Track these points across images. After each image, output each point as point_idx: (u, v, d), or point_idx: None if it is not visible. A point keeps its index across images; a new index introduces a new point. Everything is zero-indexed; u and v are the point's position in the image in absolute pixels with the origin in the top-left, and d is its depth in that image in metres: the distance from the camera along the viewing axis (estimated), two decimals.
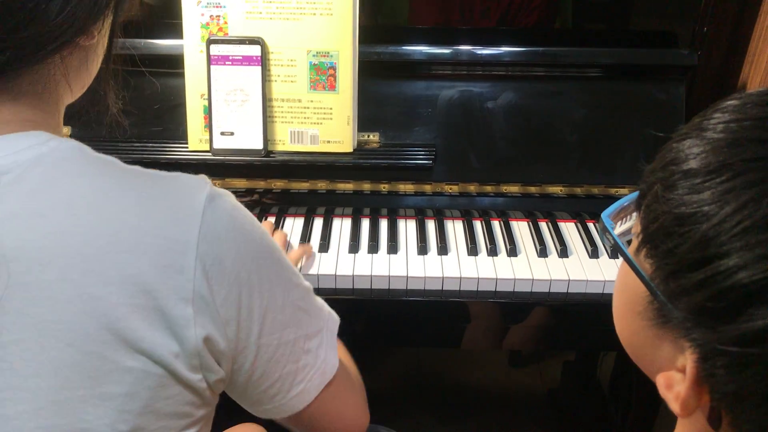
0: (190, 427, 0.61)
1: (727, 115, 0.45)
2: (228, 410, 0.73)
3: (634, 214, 0.51)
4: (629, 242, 0.52)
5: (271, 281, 0.61)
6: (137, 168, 0.60)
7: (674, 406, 0.45)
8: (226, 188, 1.22)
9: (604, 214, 0.55)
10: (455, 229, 1.20)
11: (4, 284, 0.53)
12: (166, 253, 0.55)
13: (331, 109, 1.17)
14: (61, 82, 0.62)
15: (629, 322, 0.51)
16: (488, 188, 1.23)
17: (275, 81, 1.17)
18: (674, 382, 0.46)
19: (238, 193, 1.22)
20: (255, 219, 0.63)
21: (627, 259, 0.49)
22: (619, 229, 0.55)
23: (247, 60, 1.14)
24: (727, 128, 0.44)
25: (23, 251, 0.53)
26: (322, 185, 1.22)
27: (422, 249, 1.14)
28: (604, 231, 0.55)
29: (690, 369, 0.43)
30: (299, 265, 1.10)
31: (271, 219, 1.21)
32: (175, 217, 0.57)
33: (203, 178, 0.61)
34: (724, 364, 0.41)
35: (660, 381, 0.47)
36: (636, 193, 0.51)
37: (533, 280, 1.09)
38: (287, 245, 1.14)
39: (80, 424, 0.55)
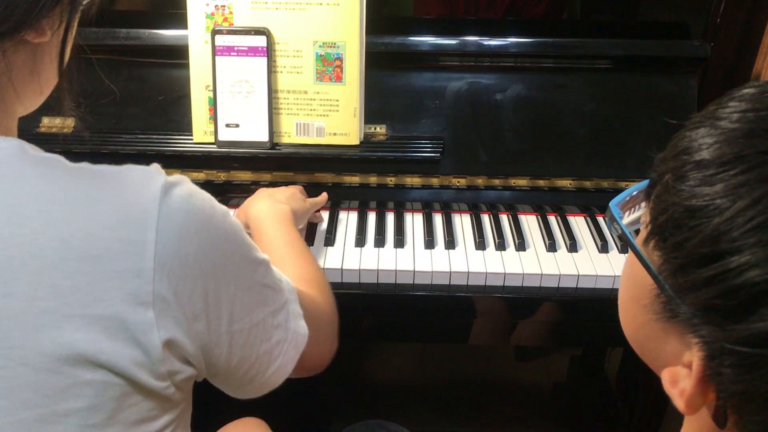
0: (166, 428, 0.58)
1: (744, 104, 0.43)
2: (229, 404, 0.73)
3: (643, 204, 0.50)
4: (637, 232, 0.51)
5: (236, 265, 0.59)
6: (85, 166, 0.56)
7: (678, 403, 0.44)
8: (231, 181, 1.20)
9: (613, 203, 0.54)
10: (463, 222, 1.19)
11: None
12: (121, 257, 0.52)
13: (337, 100, 1.16)
14: (3, 81, 0.57)
15: (634, 314, 0.50)
16: (496, 181, 1.21)
17: (281, 72, 1.15)
18: (679, 378, 0.44)
19: (243, 186, 1.21)
20: (214, 201, 0.60)
21: (635, 251, 0.48)
22: (627, 219, 0.54)
23: (252, 51, 1.13)
24: (743, 118, 0.42)
25: None
26: (328, 178, 1.21)
27: (429, 243, 1.13)
28: (612, 220, 0.53)
29: (696, 366, 0.42)
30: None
31: None
32: (128, 216, 0.53)
33: (155, 168, 0.57)
34: (732, 364, 0.40)
35: (665, 376, 0.45)
36: (645, 182, 0.49)
37: (542, 275, 1.08)
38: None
39: None
